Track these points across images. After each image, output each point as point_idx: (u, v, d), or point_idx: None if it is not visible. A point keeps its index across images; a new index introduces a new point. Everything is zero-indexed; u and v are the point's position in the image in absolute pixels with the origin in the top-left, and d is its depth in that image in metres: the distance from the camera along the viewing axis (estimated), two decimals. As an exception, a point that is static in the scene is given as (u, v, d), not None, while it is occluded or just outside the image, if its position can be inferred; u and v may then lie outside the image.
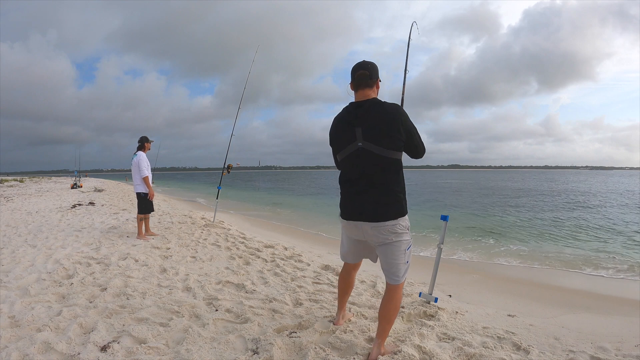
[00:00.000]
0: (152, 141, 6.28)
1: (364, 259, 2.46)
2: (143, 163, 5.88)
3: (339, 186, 2.23)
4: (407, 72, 3.49)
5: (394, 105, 2.05)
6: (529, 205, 17.03)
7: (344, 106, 2.18)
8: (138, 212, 5.98)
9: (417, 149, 2.12)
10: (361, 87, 2.09)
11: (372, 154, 2.00)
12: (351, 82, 2.13)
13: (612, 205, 16.69)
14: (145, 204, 5.95)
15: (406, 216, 2.11)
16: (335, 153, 2.23)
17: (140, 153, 5.99)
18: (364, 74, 2.07)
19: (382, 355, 2.11)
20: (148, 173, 5.92)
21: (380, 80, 2.15)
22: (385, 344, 2.21)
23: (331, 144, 2.24)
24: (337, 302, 2.75)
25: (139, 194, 5.97)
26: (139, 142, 6.11)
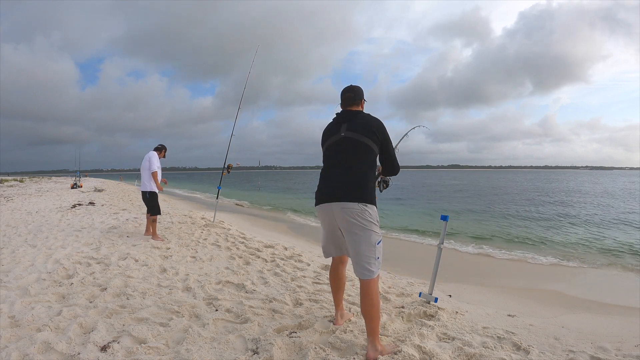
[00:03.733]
0: (166, 150, 6.23)
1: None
2: (154, 158, 5.81)
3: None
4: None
5: (375, 118, 2.36)
6: (529, 205, 17.03)
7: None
8: (148, 212, 5.88)
9: (392, 162, 2.42)
10: (347, 106, 2.44)
11: (352, 140, 2.27)
12: (340, 102, 2.48)
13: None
14: (150, 204, 5.83)
15: (375, 208, 2.25)
16: (322, 147, 2.46)
17: (153, 152, 5.95)
18: (350, 96, 2.43)
19: (382, 355, 2.11)
20: (157, 169, 5.82)
21: (365, 101, 2.49)
22: (385, 344, 2.22)
23: (322, 144, 2.48)
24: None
25: (144, 194, 5.87)
26: (156, 146, 6.10)
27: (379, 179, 2.70)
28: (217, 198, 8.59)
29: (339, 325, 2.51)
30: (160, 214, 5.97)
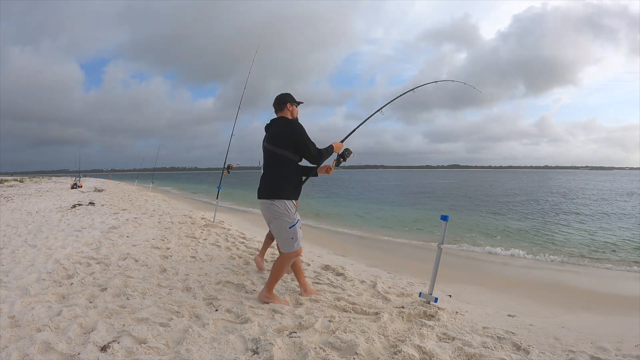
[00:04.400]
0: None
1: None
2: None
3: None
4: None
5: (287, 121, 2.94)
6: (528, 205, 17.03)
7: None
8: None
9: (307, 155, 2.90)
10: (276, 111, 3.07)
11: (268, 150, 2.93)
12: None
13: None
14: None
15: (288, 201, 2.84)
16: None
17: None
18: (274, 105, 3.05)
19: (268, 301, 2.92)
20: None
21: (292, 104, 3.03)
22: (281, 298, 3.04)
23: None
24: (299, 280, 3.31)
25: None
26: None
27: (335, 157, 3.19)
28: (217, 198, 8.59)
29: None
30: None
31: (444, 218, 3.06)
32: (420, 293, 3.21)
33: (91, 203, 11.36)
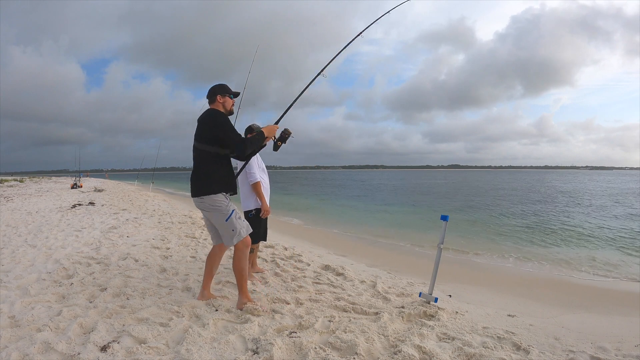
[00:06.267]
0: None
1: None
2: (253, 163, 3.66)
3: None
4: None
5: (209, 112, 2.83)
6: (527, 206, 17.03)
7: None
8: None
9: (231, 149, 2.80)
10: (208, 104, 2.92)
11: (195, 148, 2.84)
12: None
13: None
14: (254, 227, 3.35)
15: (216, 195, 2.75)
16: None
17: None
18: (207, 95, 2.93)
19: (247, 305, 2.76)
20: (259, 177, 3.71)
21: (222, 96, 2.87)
22: (257, 301, 2.88)
23: None
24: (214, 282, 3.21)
25: (246, 213, 3.75)
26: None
27: (274, 142, 3.06)
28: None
29: (199, 300, 2.97)
30: (259, 240, 3.90)
31: (444, 218, 3.06)
32: (420, 293, 3.21)
33: (91, 203, 11.36)
